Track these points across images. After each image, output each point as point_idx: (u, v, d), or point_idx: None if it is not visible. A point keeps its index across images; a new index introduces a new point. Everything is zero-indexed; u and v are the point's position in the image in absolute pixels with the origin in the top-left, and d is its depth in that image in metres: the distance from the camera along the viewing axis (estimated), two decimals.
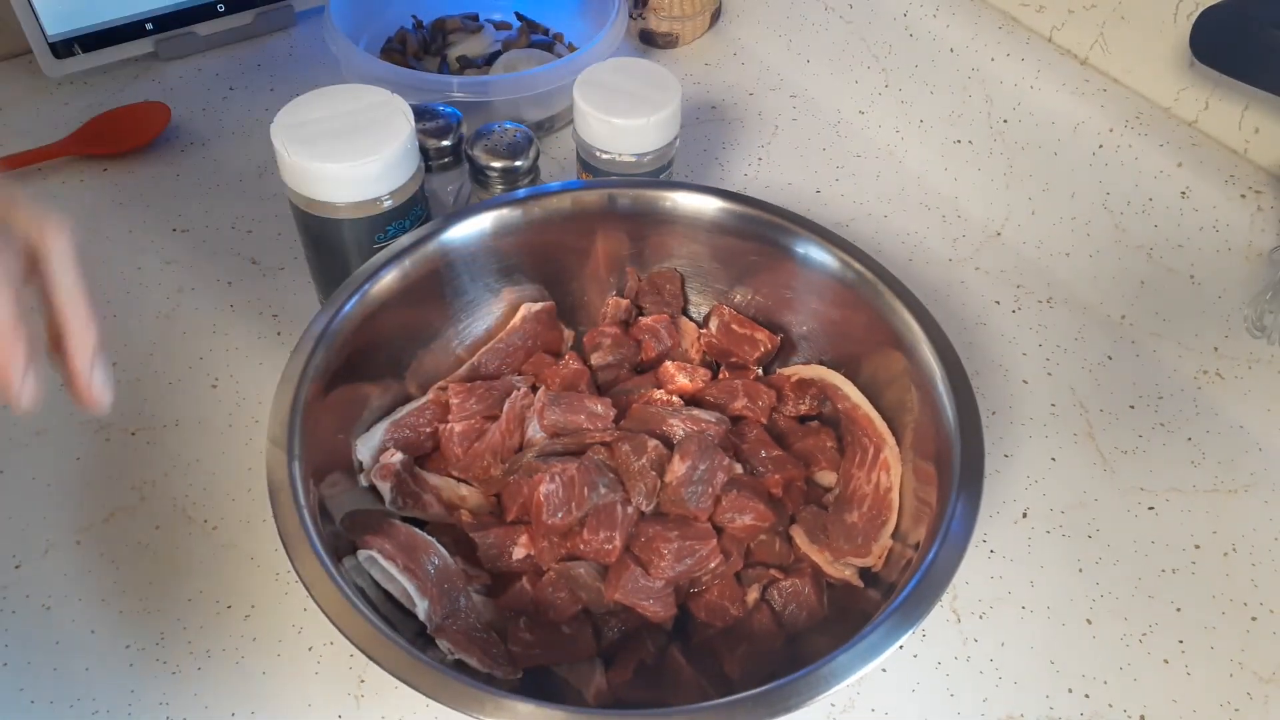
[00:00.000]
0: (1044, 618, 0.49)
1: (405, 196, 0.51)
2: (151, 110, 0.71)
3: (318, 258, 0.55)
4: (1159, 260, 0.60)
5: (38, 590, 0.48)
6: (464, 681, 0.36)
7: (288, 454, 0.41)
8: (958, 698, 0.46)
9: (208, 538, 0.50)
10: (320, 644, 0.46)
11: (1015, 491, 0.53)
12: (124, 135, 0.70)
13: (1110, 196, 0.61)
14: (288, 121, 0.50)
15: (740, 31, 0.82)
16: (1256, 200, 0.56)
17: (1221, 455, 0.55)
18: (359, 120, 0.50)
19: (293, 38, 0.79)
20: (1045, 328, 0.61)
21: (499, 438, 0.49)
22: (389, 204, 0.51)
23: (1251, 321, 0.55)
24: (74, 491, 0.51)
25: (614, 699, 0.43)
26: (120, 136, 0.70)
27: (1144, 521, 0.52)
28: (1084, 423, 0.57)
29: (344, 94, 0.52)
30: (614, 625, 0.45)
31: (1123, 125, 0.60)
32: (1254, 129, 0.57)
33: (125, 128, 0.70)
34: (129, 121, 0.70)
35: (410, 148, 0.51)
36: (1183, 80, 0.59)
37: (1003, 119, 0.66)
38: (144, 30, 0.74)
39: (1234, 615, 0.49)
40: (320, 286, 0.57)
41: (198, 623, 0.47)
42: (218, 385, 0.56)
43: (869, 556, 0.45)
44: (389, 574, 0.43)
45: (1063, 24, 0.65)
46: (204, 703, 0.44)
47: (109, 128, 0.70)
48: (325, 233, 0.52)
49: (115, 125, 0.70)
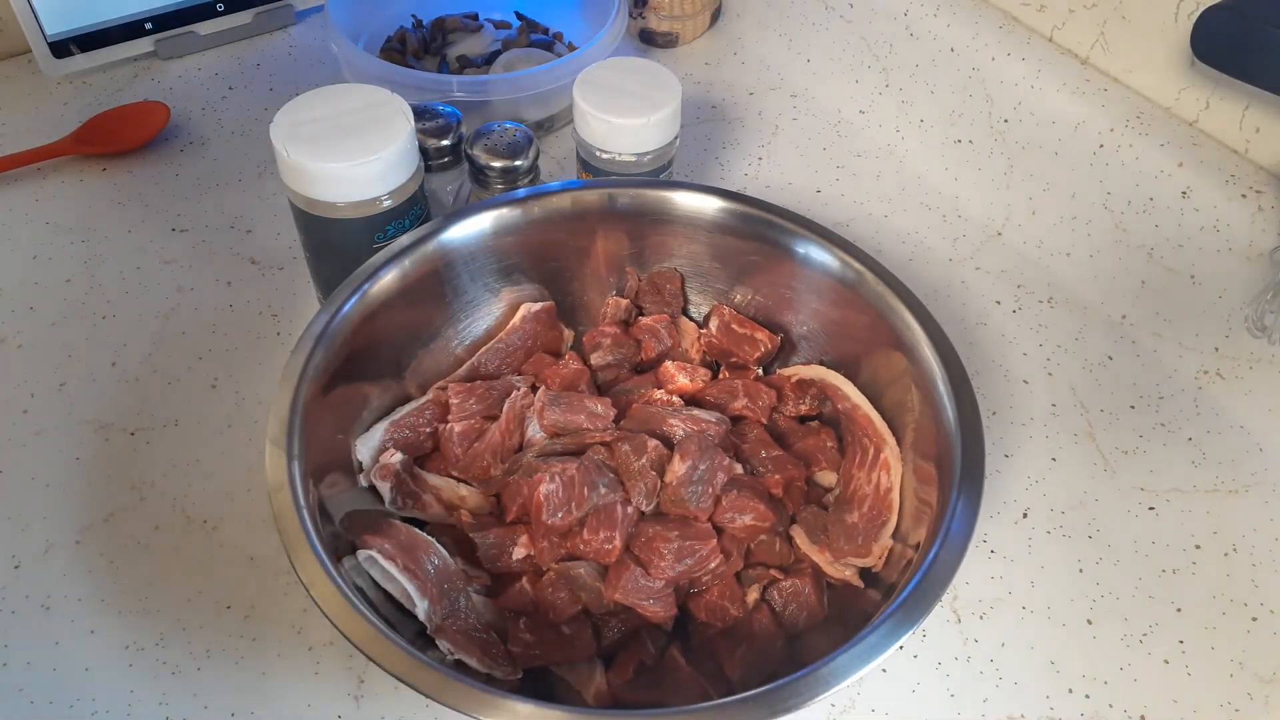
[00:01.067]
0: (1044, 618, 0.49)
1: (405, 196, 0.51)
2: (151, 110, 0.71)
3: (317, 258, 0.54)
4: (1159, 260, 0.60)
5: (37, 590, 0.48)
6: (464, 682, 0.36)
7: (287, 454, 0.41)
8: (958, 698, 0.46)
9: (207, 538, 0.50)
10: (320, 644, 0.46)
11: (1015, 492, 0.53)
12: (123, 135, 0.70)
13: (1111, 196, 0.61)
14: (287, 121, 0.50)
15: (740, 31, 0.82)
16: (1257, 200, 0.56)
17: (1222, 455, 0.55)
18: (358, 120, 0.50)
19: (292, 37, 0.79)
20: (1046, 328, 0.61)
21: (499, 438, 0.49)
22: (389, 204, 0.51)
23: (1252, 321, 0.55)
24: (73, 491, 0.51)
25: (614, 699, 0.43)
26: (119, 136, 0.69)
27: (1144, 522, 0.52)
28: (1084, 423, 0.57)
29: (343, 94, 0.52)
30: (614, 626, 0.45)
31: (1123, 125, 0.60)
32: (1255, 129, 0.57)
33: (124, 127, 0.70)
34: (128, 121, 0.70)
35: (410, 147, 0.51)
36: (1183, 80, 0.59)
37: (1003, 119, 0.66)
38: (143, 30, 0.74)
39: (1234, 616, 0.49)
40: (320, 286, 0.57)
41: (197, 623, 0.47)
42: (217, 385, 0.56)
43: (869, 557, 0.45)
44: (389, 574, 0.42)
45: (1063, 23, 0.65)
46: (203, 703, 0.44)
47: (108, 127, 0.70)
48: (325, 232, 0.52)
49: (114, 125, 0.70)
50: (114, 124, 0.70)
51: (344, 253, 0.52)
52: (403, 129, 0.50)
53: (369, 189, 0.50)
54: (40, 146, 0.68)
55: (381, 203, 0.50)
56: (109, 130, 0.70)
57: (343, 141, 0.49)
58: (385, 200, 0.50)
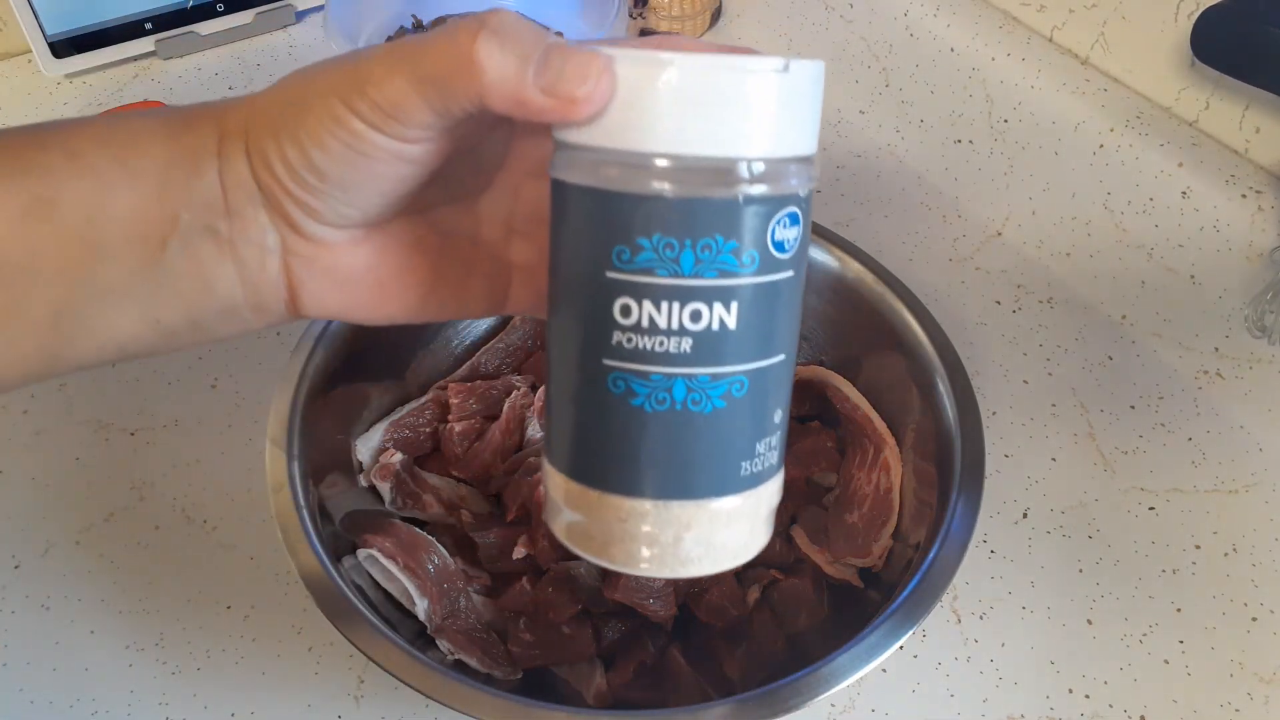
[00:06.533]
0: (1044, 618, 0.49)
1: None
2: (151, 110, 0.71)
3: None
4: (1159, 260, 0.60)
5: (37, 590, 0.48)
6: (463, 682, 0.36)
7: (287, 454, 0.41)
8: (958, 698, 0.46)
9: (207, 538, 0.50)
10: (320, 644, 0.46)
11: (1016, 492, 0.53)
12: None
13: (1111, 196, 0.61)
14: None
15: (740, 31, 0.82)
16: (1257, 200, 0.56)
17: (1222, 455, 0.55)
18: None
19: (292, 37, 0.79)
20: (1046, 328, 0.61)
21: (499, 437, 0.49)
22: None
23: (1252, 321, 0.55)
24: (73, 491, 0.51)
25: (614, 700, 0.43)
26: None
27: (1144, 522, 0.52)
28: (1084, 423, 0.57)
29: None
30: (614, 625, 0.45)
31: (1123, 125, 0.60)
32: (1255, 129, 0.57)
33: None
34: None
35: None
36: (1183, 80, 0.59)
37: (1003, 119, 0.66)
38: (143, 30, 0.74)
39: (1234, 615, 0.49)
40: None
41: (197, 623, 0.47)
42: (217, 385, 0.56)
43: (869, 557, 0.45)
44: (389, 573, 0.42)
45: (1063, 23, 0.65)
46: (203, 703, 0.44)
47: None
48: None
49: None
50: None
51: None
52: None
53: None
54: None
55: None
56: None
57: None
58: None
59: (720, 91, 0.24)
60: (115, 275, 0.27)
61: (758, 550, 0.28)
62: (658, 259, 0.24)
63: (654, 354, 0.25)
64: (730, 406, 0.25)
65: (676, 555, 0.27)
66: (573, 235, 0.25)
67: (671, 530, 0.26)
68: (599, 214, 0.25)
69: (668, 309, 0.24)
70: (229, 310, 0.29)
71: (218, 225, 0.28)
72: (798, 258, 0.26)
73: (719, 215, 0.24)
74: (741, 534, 0.27)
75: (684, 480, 0.26)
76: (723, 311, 0.25)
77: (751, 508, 0.27)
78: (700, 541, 0.27)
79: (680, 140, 0.24)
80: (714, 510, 0.26)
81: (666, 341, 0.25)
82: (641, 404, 0.25)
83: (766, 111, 0.24)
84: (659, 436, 0.25)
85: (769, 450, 0.27)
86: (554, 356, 0.27)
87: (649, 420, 0.25)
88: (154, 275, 0.27)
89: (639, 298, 0.24)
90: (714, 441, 0.26)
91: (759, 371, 0.26)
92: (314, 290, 0.29)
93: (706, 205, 0.24)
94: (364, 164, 0.26)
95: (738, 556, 0.28)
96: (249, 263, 0.28)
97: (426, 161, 0.27)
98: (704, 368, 0.25)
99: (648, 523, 0.26)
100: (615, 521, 0.26)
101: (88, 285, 0.27)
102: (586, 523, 0.27)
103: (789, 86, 0.24)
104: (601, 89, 0.24)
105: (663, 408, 0.25)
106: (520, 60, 0.24)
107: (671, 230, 0.24)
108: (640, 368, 0.25)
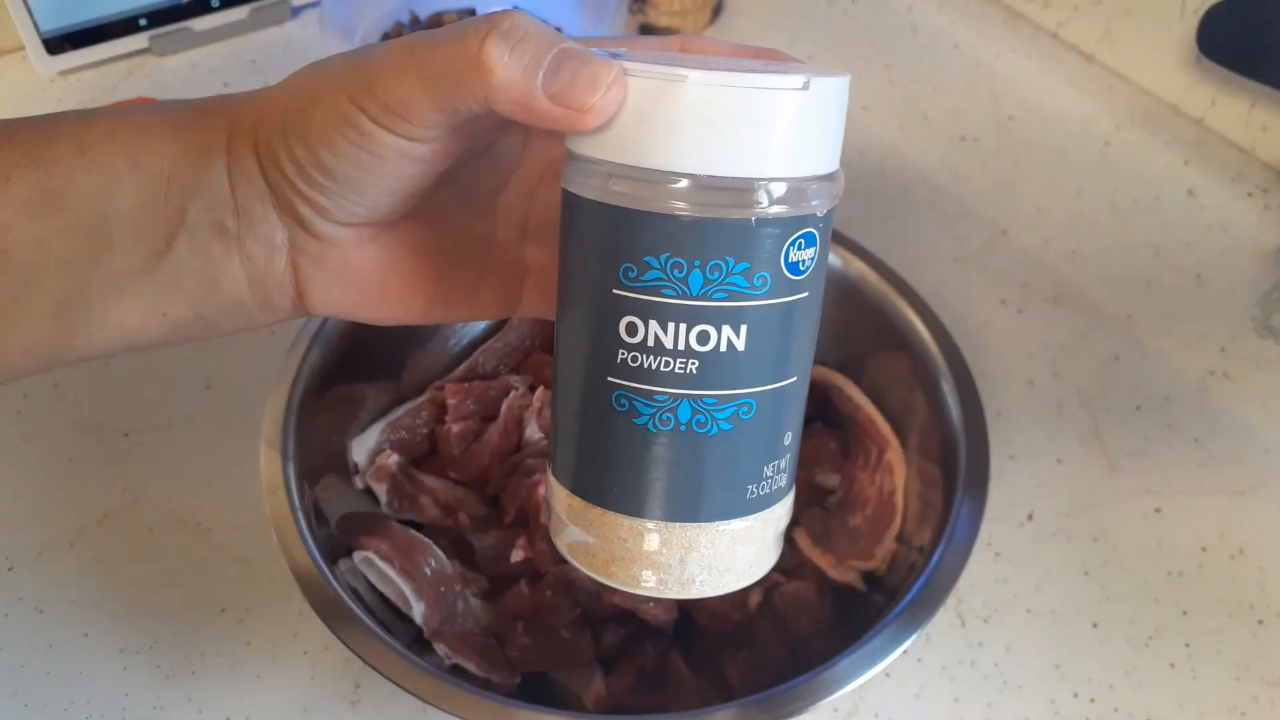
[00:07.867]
0: (1049, 621, 0.48)
1: None
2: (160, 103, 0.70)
3: None
4: (1166, 259, 0.59)
5: (30, 593, 0.47)
6: (461, 687, 0.35)
7: (282, 455, 0.41)
8: (962, 703, 0.45)
9: (202, 540, 0.49)
10: (316, 648, 0.46)
11: (1021, 494, 0.53)
12: None
13: (1117, 194, 0.61)
14: None
15: (742, 26, 0.81)
16: (1264, 198, 0.55)
17: (1229, 457, 0.55)
18: None
19: (288, 33, 0.79)
20: (1051, 328, 0.61)
21: (497, 439, 0.48)
22: None
23: (1259, 321, 0.54)
24: (66, 494, 0.51)
25: (613, 705, 0.42)
26: None
27: (1150, 524, 0.52)
28: (1090, 424, 0.56)
29: None
30: (613, 630, 0.44)
31: (1129, 122, 0.60)
32: (1261, 126, 0.56)
33: None
34: None
35: None
36: (1189, 76, 0.59)
37: (1008, 115, 0.65)
38: (138, 26, 0.73)
39: (1241, 619, 0.49)
40: None
41: (192, 626, 0.46)
42: (212, 386, 0.56)
43: (872, 560, 0.45)
44: (386, 576, 0.42)
45: (1068, 19, 0.64)
46: (198, 707, 0.44)
47: None
48: None
49: None
50: None
51: None
52: None
53: None
54: None
55: None
56: None
57: None
58: None
59: (737, 110, 0.23)
60: (123, 269, 0.27)
61: (764, 572, 0.28)
62: (665, 278, 0.23)
63: (659, 374, 0.24)
64: (737, 429, 0.25)
65: (680, 577, 0.26)
66: (580, 249, 0.25)
67: (675, 552, 0.26)
68: (607, 230, 0.24)
69: (674, 329, 0.24)
70: (236, 306, 0.29)
71: (226, 222, 0.28)
72: (814, 278, 0.25)
73: (730, 237, 0.23)
74: (747, 557, 0.27)
75: (688, 502, 0.25)
76: (731, 333, 0.24)
77: (758, 531, 0.27)
78: (704, 563, 0.26)
79: (693, 160, 0.23)
80: (718, 533, 0.26)
81: (672, 362, 0.24)
82: (645, 424, 0.25)
83: (784, 131, 0.23)
84: (663, 457, 0.25)
85: (777, 473, 0.26)
86: (560, 368, 0.26)
87: (653, 440, 0.25)
88: (161, 270, 0.28)
89: (645, 317, 0.24)
90: (719, 464, 0.25)
91: (768, 394, 0.25)
92: (321, 288, 0.29)
93: (718, 227, 0.23)
94: (373, 163, 0.26)
95: (743, 579, 0.27)
96: (257, 259, 0.28)
97: (435, 161, 0.27)
98: (710, 390, 0.24)
99: (650, 543, 0.26)
100: (617, 540, 0.26)
101: (95, 278, 0.27)
102: (589, 539, 0.27)
103: (810, 105, 0.24)
104: (611, 100, 0.23)
105: (667, 428, 0.25)
106: (529, 65, 0.23)
107: (680, 250, 0.23)
108: (645, 387, 0.24)
